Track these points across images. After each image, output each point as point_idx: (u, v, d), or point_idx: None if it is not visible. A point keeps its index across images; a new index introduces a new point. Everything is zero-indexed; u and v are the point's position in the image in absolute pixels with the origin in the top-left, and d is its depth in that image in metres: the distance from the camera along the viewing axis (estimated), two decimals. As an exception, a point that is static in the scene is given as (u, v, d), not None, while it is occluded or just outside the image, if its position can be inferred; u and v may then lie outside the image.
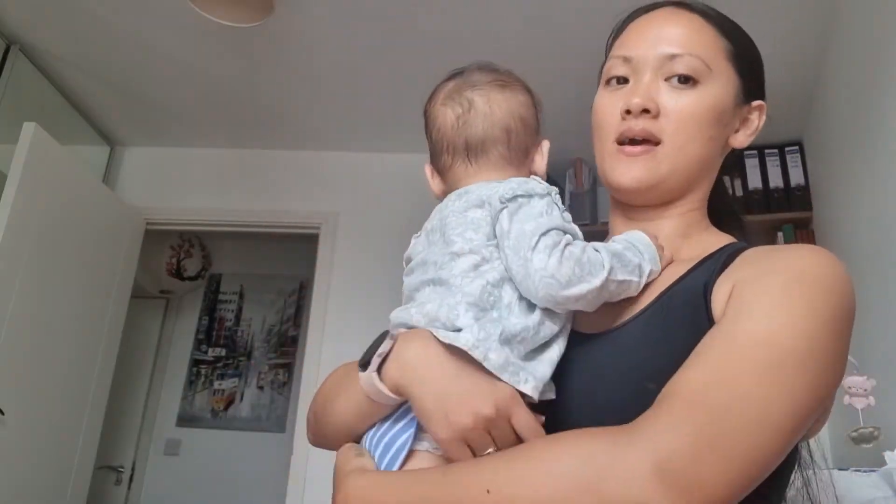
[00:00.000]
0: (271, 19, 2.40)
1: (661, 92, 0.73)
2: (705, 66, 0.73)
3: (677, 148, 0.72)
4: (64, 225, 2.77)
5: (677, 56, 0.73)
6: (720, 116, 0.74)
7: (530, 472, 0.54)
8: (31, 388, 2.62)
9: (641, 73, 0.75)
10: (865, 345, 2.15)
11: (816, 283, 0.61)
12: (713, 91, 0.74)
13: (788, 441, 0.54)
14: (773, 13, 2.31)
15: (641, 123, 0.72)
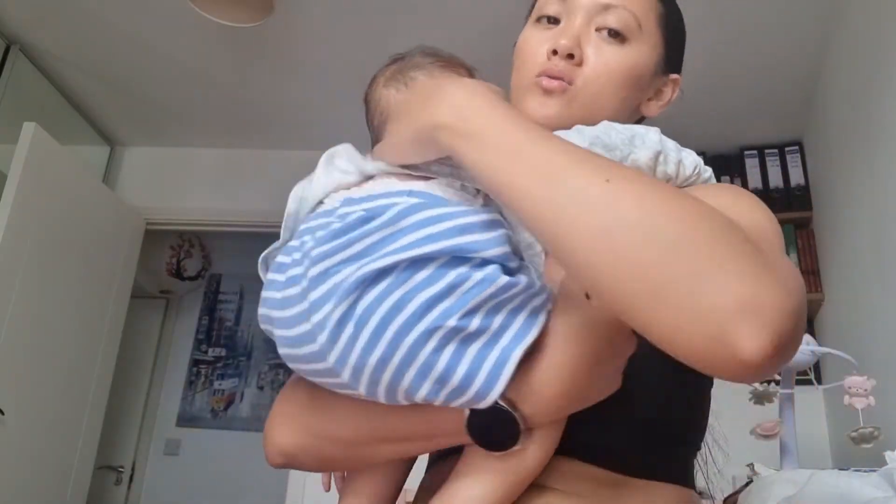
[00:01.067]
0: (271, 19, 2.40)
1: (590, 41, 0.73)
2: (636, 24, 0.73)
3: (590, 95, 0.72)
4: (64, 225, 2.77)
5: (612, 6, 0.73)
6: (638, 79, 0.74)
7: (664, 192, 0.46)
8: (31, 388, 2.62)
9: (574, 17, 0.74)
10: (865, 345, 2.15)
11: (763, 207, 0.65)
12: (637, 52, 0.73)
13: None
14: (774, 13, 2.31)
15: (562, 66, 0.72)
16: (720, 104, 2.81)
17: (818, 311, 2.78)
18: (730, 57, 2.54)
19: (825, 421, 2.69)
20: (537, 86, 0.73)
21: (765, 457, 1.86)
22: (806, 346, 1.75)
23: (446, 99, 0.55)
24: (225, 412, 4.28)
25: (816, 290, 2.72)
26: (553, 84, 0.72)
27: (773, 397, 1.76)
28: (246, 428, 4.20)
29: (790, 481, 1.31)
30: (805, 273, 2.77)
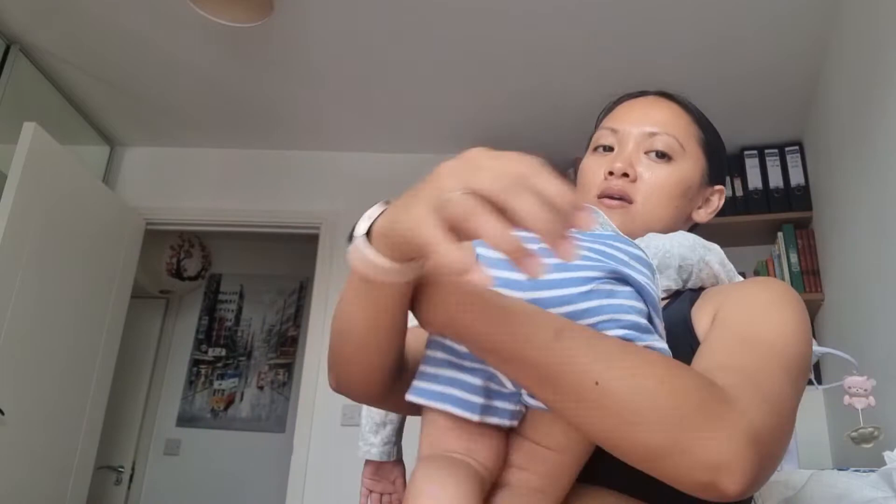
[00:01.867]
0: (271, 19, 2.40)
1: (641, 162, 0.85)
2: (679, 146, 0.86)
3: (648, 210, 0.84)
4: (64, 225, 2.77)
5: (657, 134, 0.86)
6: (686, 190, 0.86)
7: (647, 381, 0.52)
8: (31, 388, 2.62)
9: (625, 144, 0.87)
10: (865, 345, 2.15)
11: (789, 298, 0.71)
12: (683, 168, 0.86)
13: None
14: (774, 14, 2.31)
15: (620, 184, 0.84)
16: (720, 104, 2.80)
17: (818, 311, 2.78)
18: (730, 57, 2.54)
19: (825, 421, 2.69)
20: (600, 204, 0.85)
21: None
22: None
23: (437, 295, 0.57)
24: (225, 412, 4.28)
25: (816, 290, 2.72)
26: (614, 203, 0.84)
27: (772, 397, 1.75)
28: (246, 428, 4.20)
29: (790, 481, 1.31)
30: (805, 273, 2.77)
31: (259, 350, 4.42)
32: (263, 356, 4.40)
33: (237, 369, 4.39)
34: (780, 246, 2.85)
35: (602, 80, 2.70)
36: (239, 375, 4.37)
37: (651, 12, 2.36)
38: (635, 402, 0.51)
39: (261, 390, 4.31)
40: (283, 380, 4.29)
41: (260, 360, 4.40)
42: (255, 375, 4.35)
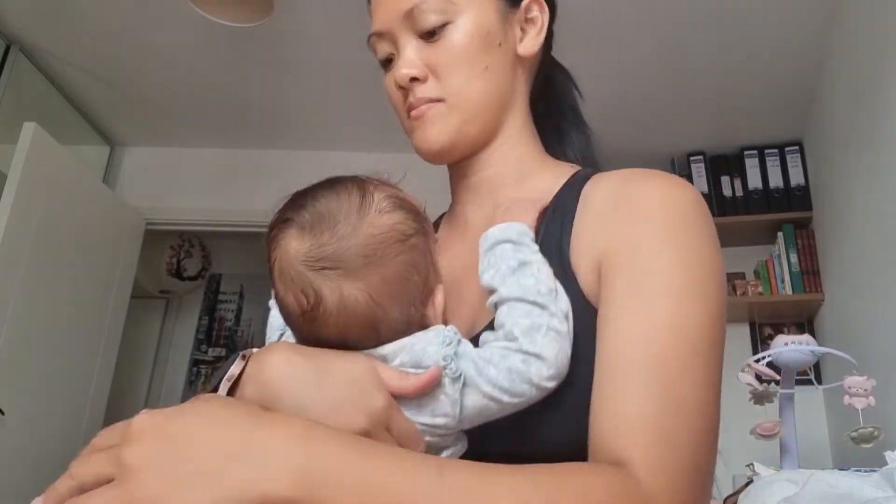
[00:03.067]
0: (271, 19, 2.40)
1: (420, 49, 0.69)
2: (444, 2, 0.67)
3: (456, 94, 0.68)
4: (64, 225, 2.77)
5: (413, 8, 0.68)
6: (486, 40, 0.69)
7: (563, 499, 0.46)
8: (31, 388, 2.62)
9: (399, 43, 0.70)
10: (865, 345, 2.15)
11: (691, 230, 0.58)
12: (465, 22, 0.68)
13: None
14: (774, 14, 2.31)
15: (418, 93, 0.68)
16: (720, 104, 2.82)
17: (818, 311, 2.78)
18: (730, 57, 2.54)
19: (825, 421, 2.69)
20: (413, 120, 0.70)
21: (765, 457, 1.86)
22: (806, 346, 1.75)
23: (274, 459, 0.42)
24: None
25: (816, 290, 2.72)
26: (421, 112, 0.69)
27: (773, 397, 1.76)
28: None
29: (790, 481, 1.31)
30: (805, 273, 2.77)
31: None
32: (263, 356, 4.40)
33: (237, 369, 4.39)
34: (779, 246, 2.85)
35: (601, 80, 2.70)
36: (239, 375, 4.37)
37: (649, 12, 2.36)
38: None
39: (261, 390, 4.31)
40: (283, 380, 4.28)
41: (260, 360, 4.40)
42: (255, 375, 4.35)
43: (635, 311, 0.55)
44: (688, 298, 0.55)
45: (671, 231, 0.57)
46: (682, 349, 0.53)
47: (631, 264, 0.57)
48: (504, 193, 0.71)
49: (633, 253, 0.57)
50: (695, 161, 3.06)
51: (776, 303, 2.80)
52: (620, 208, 0.60)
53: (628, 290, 0.56)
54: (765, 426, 1.72)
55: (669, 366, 0.53)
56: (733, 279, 3.00)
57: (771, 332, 2.91)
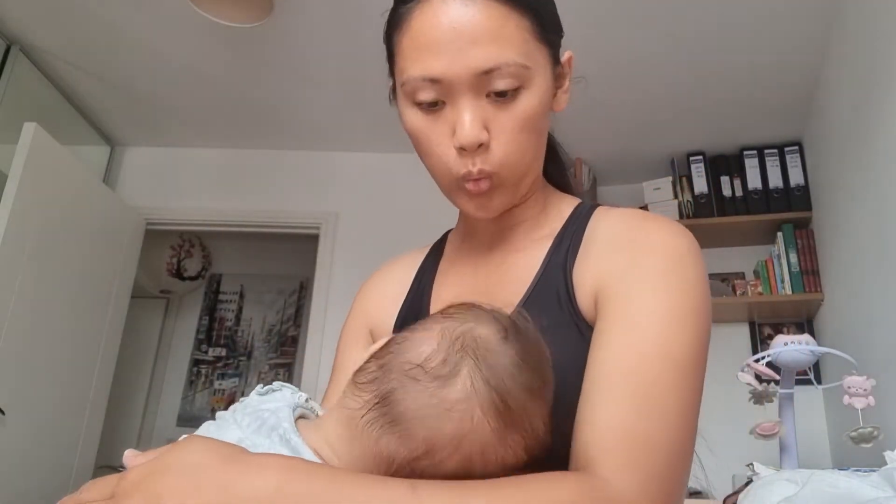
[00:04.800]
0: (271, 19, 2.40)
1: (488, 113, 0.64)
2: (524, 68, 0.64)
3: (516, 167, 0.67)
4: (64, 225, 2.77)
5: (493, 70, 0.62)
6: (546, 108, 0.68)
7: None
8: (31, 388, 2.62)
9: (460, 99, 0.64)
10: (865, 345, 2.15)
11: (685, 270, 0.63)
12: (535, 90, 0.66)
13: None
14: (773, 14, 2.31)
15: (479, 163, 0.65)
16: (720, 104, 2.82)
17: (818, 311, 2.78)
18: (730, 57, 2.54)
19: (825, 421, 2.69)
20: (463, 191, 0.68)
21: (765, 456, 1.87)
22: (805, 346, 1.75)
23: (252, 493, 0.46)
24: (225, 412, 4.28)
25: (816, 290, 2.72)
26: (482, 188, 0.66)
27: (772, 397, 1.76)
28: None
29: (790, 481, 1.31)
30: (804, 273, 2.77)
31: (259, 350, 4.43)
32: (263, 356, 4.40)
33: (237, 369, 4.39)
34: (779, 246, 2.85)
35: (600, 81, 2.70)
36: (239, 375, 4.37)
37: (649, 12, 2.36)
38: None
39: (261, 390, 4.31)
40: (284, 379, 4.25)
41: (260, 359, 4.40)
42: (256, 375, 4.35)
43: (625, 334, 0.59)
44: (675, 326, 0.59)
45: (666, 270, 0.62)
46: (665, 368, 0.57)
47: (626, 294, 0.61)
48: (523, 225, 0.75)
49: (628, 285, 0.61)
50: (694, 161, 3.07)
51: (776, 303, 2.80)
52: (624, 246, 0.65)
53: (620, 316, 0.60)
54: (764, 426, 1.73)
55: (650, 381, 0.56)
56: (733, 279, 3.00)
57: (771, 331, 2.91)
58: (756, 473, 1.61)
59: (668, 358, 0.57)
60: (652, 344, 0.58)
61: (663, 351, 0.57)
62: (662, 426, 0.54)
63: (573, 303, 0.64)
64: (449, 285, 0.76)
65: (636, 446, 0.53)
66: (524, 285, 0.69)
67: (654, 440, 0.54)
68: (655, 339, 0.58)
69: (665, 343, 0.58)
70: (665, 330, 0.58)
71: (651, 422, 0.54)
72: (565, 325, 0.64)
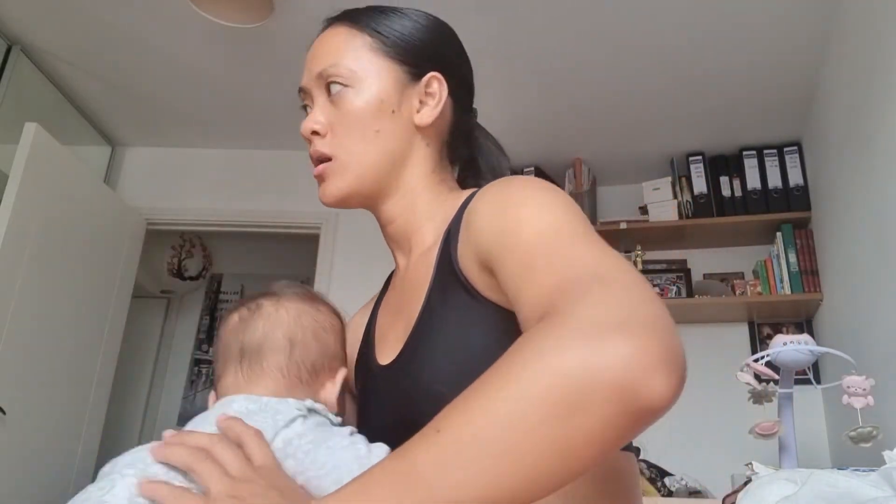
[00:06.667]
0: (271, 19, 2.41)
1: (326, 107, 0.78)
2: (348, 70, 0.77)
3: (347, 154, 0.76)
4: (65, 225, 2.78)
5: (322, 72, 0.78)
6: (379, 108, 0.76)
7: (497, 402, 0.43)
8: (31, 388, 2.62)
9: (313, 99, 0.79)
10: (864, 344, 2.16)
11: (539, 194, 0.63)
12: (362, 90, 0.76)
13: None
14: (773, 14, 2.32)
15: (317, 146, 0.77)
16: (719, 105, 2.82)
17: (817, 310, 2.79)
18: (729, 57, 2.54)
19: (824, 420, 2.70)
20: (315, 177, 0.79)
21: (764, 456, 1.87)
22: (805, 346, 1.76)
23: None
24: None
25: (815, 290, 2.73)
26: (318, 170, 0.77)
27: (772, 397, 1.76)
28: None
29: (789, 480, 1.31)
30: (804, 273, 2.77)
31: (259, 350, 4.42)
32: (264, 356, 4.40)
33: (237, 369, 4.39)
34: (778, 246, 2.86)
35: (601, 80, 2.70)
36: (239, 375, 4.37)
37: (649, 11, 2.36)
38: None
39: (261, 390, 4.31)
40: (284, 379, 4.29)
41: (260, 359, 4.40)
42: (256, 375, 4.36)
43: (514, 252, 0.57)
44: (555, 215, 0.59)
45: (520, 199, 0.62)
46: (564, 237, 0.56)
47: (500, 236, 0.61)
48: (417, 238, 0.79)
49: (497, 231, 0.61)
50: (694, 161, 3.07)
51: (775, 303, 2.80)
52: (479, 212, 0.67)
53: (505, 251, 0.59)
54: (764, 425, 1.73)
55: (559, 251, 0.54)
56: (732, 279, 3.01)
57: (770, 331, 2.91)
58: (755, 473, 1.62)
59: (559, 233, 0.56)
60: (538, 238, 0.57)
61: (551, 232, 0.56)
62: (591, 267, 0.51)
63: (471, 287, 0.66)
64: (384, 313, 0.83)
65: (574, 282, 0.49)
66: (423, 291, 0.72)
67: (585, 276, 0.49)
68: (539, 233, 0.57)
69: (549, 226, 0.57)
70: (543, 221, 0.58)
71: (580, 269, 0.51)
72: (455, 299, 0.66)
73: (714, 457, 2.52)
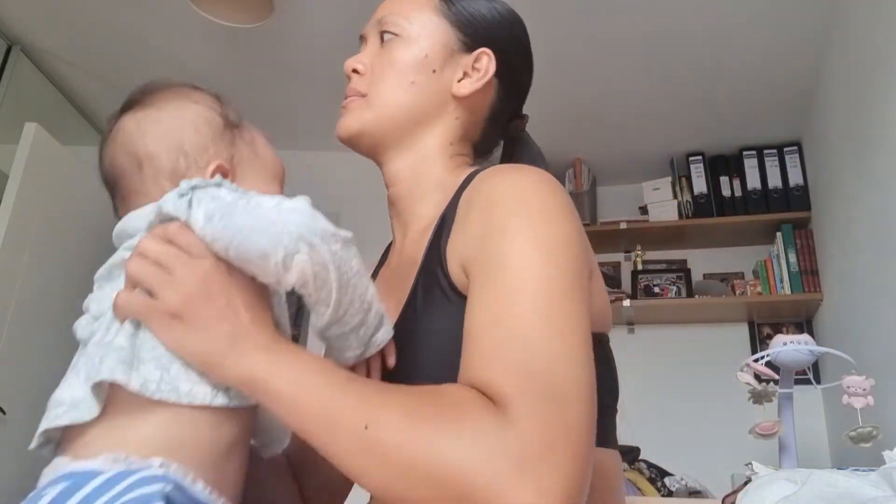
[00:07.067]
0: (271, 20, 2.41)
1: (374, 51, 0.82)
2: (404, 21, 0.80)
3: (377, 95, 0.78)
4: (64, 225, 2.78)
5: (381, 19, 0.82)
6: (422, 63, 0.79)
7: (414, 428, 0.51)
8: (31, 388, 2.62)
9: (368, 39, 0.85)
10: (864, 344, 2.16)
11: (537, 205, 0.63)
12: (411, 41, 0.79)
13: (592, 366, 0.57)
14: (772, 14, 2.32)
15: (353, 83, 0.81)
16: (719, 104, 2.82)
17: (817, 310, 2.79)
18: (728, 57, 2.54)
19: (824, 420, 2.70)
20: (341, 109, 0.82)
21: (764, 456, 1.87)
22: (805, 346, 1.76)
23: (247, 353, 0.59)
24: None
25: (815, 289, 2.73)
26: (346, 101, 0.81)
27: (772, 397, 1.76)
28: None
29: (789, 480, 1.31)
30: (804, 273, 2.77)
31: (259, 350, 4.42)
32: (263, 356, 4.40)
33: (237, 369, 4.39)
34: (778, 246, 2.86)
35: (601, 80, 2.70)
36: (239, 375, 4.38)
37: (649, 11, 2.36)
38: (396, 456, 0.51)
39: (261, 390, 4.31)
40: (283, 380, 4.29)
41: (260, 359, 4.40)
42: (255, 375, 4.36)
43: (488, 288, 0.59)
44: (539, 261, 0.59)
45: (517, 212, 0.62)
46: (526, 300, 0.56)
47: (485, 252, 0.61)
48: (417, 210, 0.79)
49: (484, 243, 0.62)
50: (694, 161, 3.07)
51: (775, 302, 2.80)
52: (480, 207, 0.66)
53: (483, 274, 0.61)
54: (764, 425, 1.73)
55: (516, 316, 0.56)
56: (732, 279, 3.01)
57: (770, 331, 2.91)
58: (755, 473, 1.62)
59: (537, 292, 0.57)
60: (517, 286, 0.57)
61: (529, 287, 0.57)
62: (536, 345, 0.54)
63: (448, 278, 0.66)
64: (378, 288, 0.82)
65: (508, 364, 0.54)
66: (411, 280, 0.71)
67: (530, 359, 0.54)
68: (519, 280, 0.57)
69: (531, 279, 0.57)
70: (528, 268, 0.58)
71: (526, 353, 0.54)
72: (439, 299, 0.66)
73: (714, 457, 2.52)
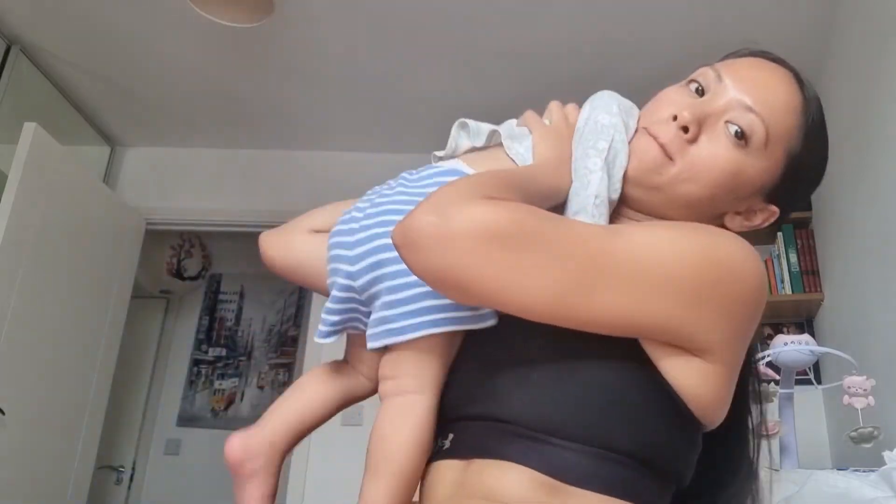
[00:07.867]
0: (271, 19, 2.40)
1: (714, 129, 0.71)
2: (764, 138, 0.71)
3: (681, 179, 0.71)
4: (64, 225, 2.78)
5: (753, 112, 0.70)
6: (736, 188, 0.73)
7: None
8: (31, 388, 2.62)
9: (716, 100, 0.72)
10: (865, 345, 2.15)
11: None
12: (750, 163, 0.71)
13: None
14: (773, 13, 2.32)
15: (673, 135, 0.71)
16: (720, 104, 2.82)
17: (818, 310, 2.78)
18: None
19: (825, 421, 2.70)
20: (646, 136, 0.73)
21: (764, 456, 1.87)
22: (805, 346, 1.76)
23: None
24: (225, 412, 4.29)
25: (816, 290, 2.72)
26: (659, 138, 0.72)
27: (772, 397, 1.76)
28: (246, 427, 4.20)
29: (790, 481, 1.31)
30: (804, 273, 2.77)
31: (259, 350, 4.43)
32: (263, 356, 4.40)
33: (237, 369, 4.39)
34: (779, 246, 2.85)
35: (603, 77, 2.70)
36: (239, 375, 4.37)
37: (646, 7, 2.36)
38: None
39: (261, 390, 4.31)
40: (284, 379, 4.29)
41: (260, 359, 4.40)
42: (256, 375, 4.36)
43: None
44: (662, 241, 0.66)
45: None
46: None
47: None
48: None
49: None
50: (694, 161, 3.07)
51: (776, 303, 2.80)
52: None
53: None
54: (764, 426, 1.72)
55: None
56: (733, 279, 3.00)
57: (770, 331, 2.90)
58: (756, 473, 1.61)
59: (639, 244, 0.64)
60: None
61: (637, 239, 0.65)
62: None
63: None
64: None
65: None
66: None
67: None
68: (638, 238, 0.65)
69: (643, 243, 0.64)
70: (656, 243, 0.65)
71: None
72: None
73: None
